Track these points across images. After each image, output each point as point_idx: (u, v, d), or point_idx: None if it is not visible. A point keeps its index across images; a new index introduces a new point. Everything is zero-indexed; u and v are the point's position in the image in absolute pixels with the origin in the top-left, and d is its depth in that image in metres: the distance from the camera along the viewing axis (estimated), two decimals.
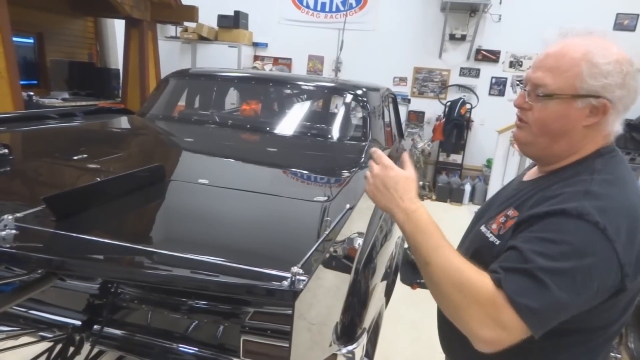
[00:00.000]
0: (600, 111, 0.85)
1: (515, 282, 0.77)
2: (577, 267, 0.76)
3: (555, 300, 0.75)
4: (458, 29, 6.25)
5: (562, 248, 0.76)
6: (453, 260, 0.82)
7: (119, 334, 1.23)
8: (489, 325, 0.76)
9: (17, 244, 0.97)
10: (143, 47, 5.26)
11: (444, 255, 0.82)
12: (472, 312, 0.78)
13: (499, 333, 0.76)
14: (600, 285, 0.77)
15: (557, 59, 0.88)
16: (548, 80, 0.88)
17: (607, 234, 0.76)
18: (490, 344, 0.78)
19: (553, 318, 0.78)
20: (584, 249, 0.76)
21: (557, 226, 0.79)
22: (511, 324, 0.76)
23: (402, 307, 3.08)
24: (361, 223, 1.42)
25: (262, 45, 6.96)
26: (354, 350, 1.13)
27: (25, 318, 1.31)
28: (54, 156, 1.83)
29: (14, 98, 3.57)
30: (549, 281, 0.75)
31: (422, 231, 0.86)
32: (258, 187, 1.60)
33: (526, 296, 0.75)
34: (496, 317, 0.76)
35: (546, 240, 0.78)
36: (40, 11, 5.15)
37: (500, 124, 6.13)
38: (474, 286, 0.78)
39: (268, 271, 0.91)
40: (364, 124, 2.59)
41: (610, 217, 0.78)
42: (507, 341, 0.77)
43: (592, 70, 0.83)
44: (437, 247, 0.84)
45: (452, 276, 0.80)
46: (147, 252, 1.03)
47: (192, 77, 3.18)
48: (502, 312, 0.76)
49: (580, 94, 0.85)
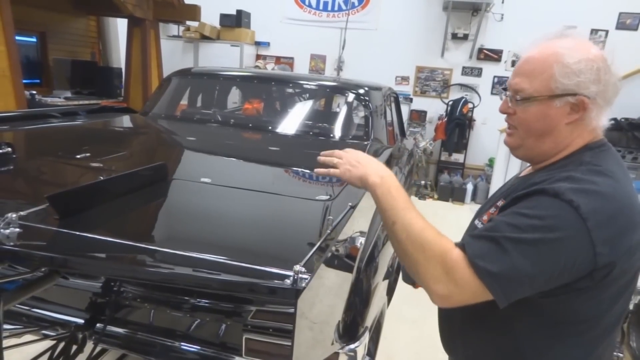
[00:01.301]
0: (580, 107, 0.89)
1: (478, 246, 0.82)
2: (543, 238, 0.78)
3: (515, 268, 0.78)
4: (460, 28, 6.24)
5: (532, 221, 0.80)
6: (418, 221, 0.88)
7: (122, 332, 1.24)
8: (443, 281, 0.82)
9: (21, 242, 0.98)
10: (145, 46, 5.26)
11: (410, 216, 0.89)
12: (430, 267, 0.83)
13: (451, 289, 0.81)
14: (568, 261, 0.79)
15: (530, 64, 0.92)
16: (525, 85, 0.92)
17: (580, 212, 0.78)
18: (442, 298, 0.83)
19: (516, 287, 0.80)
20: (553, 224, 0.79)
21: (533, 203, 0.83)
22: (464, 282, 0.80)
23: (404, 306, 3.08)
24: (363, 222, 1.43)
25: (265, 44, 6.96)
26: (356, 348, 1.13)
27: (29, 316, 1.31)
28: (57, 155, 1.84)
29: (16, 97, 3.58)
30: (512, 249, 0.78)
31: (393, 193, 0.92)
32: (260, 186, 1.60)
33: (485, 259, 0.80)
34: (450, 273, 0.81)
35: (519, 214, 0.82)
36: (43, 10, 5.16)
37: (502, 123, 6.07)
38: (434, 245, 0.84)
39: (270, 269, 0.91)
40: (366, 123, 2.59)
41: (586, 198, 0.80)
42: (459, 298, 0.82)
43: (564, 70, 0.87)
44: (404, 208, 0.90)
45: (415, 234, 0.86)
46: (150, 250, 1.04)
47: (195, 76, 3.18)
48: (457, 269, 0.81)
49: (556, 94, 0.89)
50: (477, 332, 0.99)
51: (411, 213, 0.89)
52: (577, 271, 0.80)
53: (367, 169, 0.97)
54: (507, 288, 0.80)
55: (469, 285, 0.80)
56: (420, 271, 0.85)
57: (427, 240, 0.85)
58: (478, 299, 0.82)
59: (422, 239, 0.85)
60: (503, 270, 0.78)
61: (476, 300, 0.82)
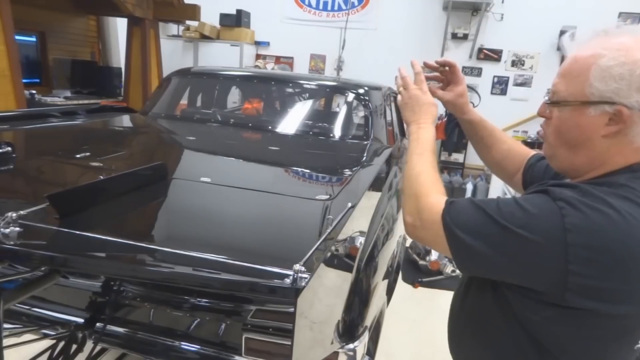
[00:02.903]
0: (619, 119, 0.76)
1: (460, 205, 0.84)
2: (514, 231, 0.75)
3: (476, 241, 0.79)
4: (460, 27, 6.24)
5: (516, 211, 0.77)
6: (422, 166, 0.97)
7: (122, 331, 1.24)
8: (413, 214, 0.91)
9: (21, 242, 0.98)
10: (145, 45, 5.26)
11: (418, 161, 0.99)
12: (410, 200, 0.94)
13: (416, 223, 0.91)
14: (529, 265, 0.75)
15: (571, 64, 0.83)
16: (561, 87, 0.84)
17: (565, 222, 0.71)
18: (408, 226, 0.94)
19: (470, 258, 0.82)
20: (530, 222, 0.75)
21: (532, 197, 0.80)
22: (429, 223, 0.87)
23: (404, 305, 3.09)
24: (363, 222, 1.43)
25: (264, 44, 6.96)
26: (355, 348, 1.13)
27: (28, 316, 1.31)
28: (57, 154, 1.84)
29: (16, 96, 3.58)
30: (484, 225, 0.79)
31: (420, 141, 1.03)
32: (260, 186, 1.60)
33: (457, 222, 0.82)
34: (420, 212, 0.90)
35: (514, 201, 0.80)
36: (43, 9, 5.16)
37: (502, 123, 6.13)
38: (422, 185, 0.93)
39: (270, 269, 0.91)
40: (366, 122, 2.59)
41: (583, 212, 0.71)
42: (422, 234, 0.91)
43: (602, 74, 0.76)
44: (420, 154, 1.00)
45: (414, 174, 0.96)
46: (150, 249, 1.04)
47: (194, 76, 3.18)
48: (426, 211, 0.88)
49: (591, 101, 0.78)
50: (475, 341, 0.98)
51: (420, 159, 0.99)
52: (541, 280, 0.75)
53: (414, 117, 1.08)
54: (463, 255, 0.83)
55: (431, 228, 0.86)
56: (403, 202, 0.96)
57: (417, 181, 0.94)
58: (439, 246, 0.86)
59: (415, 179, 0.95)
60: (465, 237, 0.80)
61: (438, 247, 0.87)
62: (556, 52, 6.10)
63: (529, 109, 6.11)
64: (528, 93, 6.31)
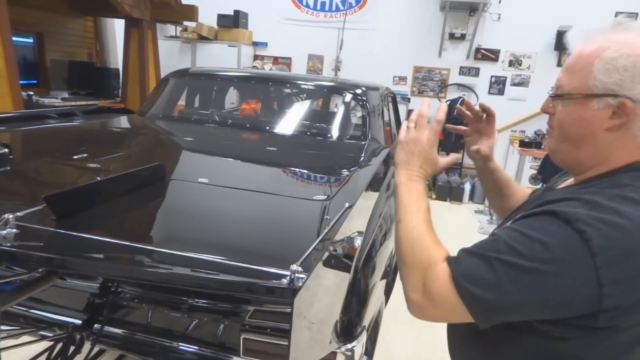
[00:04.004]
0: (623, 112, 0.75)
1: (467, 263, 0.76)
2: (540, 269, 0.69)
3: (502, 294, 0.71)
4: (457, 28, 6.25)
5: (533, 246, 0.71)
6: (422, 227, 0.85)
7: (120, 332, 1.24)
8: (419, 291, 0.79)
9: (18, 243, 0.98)
10: (143, 46, 5.26)
11: (417, 220, 0.86)
12: (411, 274, 0.81)
13: (426, 302, 0.79)
14: (566, 298, 0.70)
15: (575, 58, 0.82)
16: (565, 81, 0.83)
17: (590, 246, 0.67)
18: (416, 309, 0.81)
19: (499, 313, 0.74)
20: (555, 255, 0.69)
21: (541, 224, 0.74)
22: (440, 298, 0.77)
23: (403, 305, 3.09)
24: (361, 222, 1.43)
25: (262, 44, 6.96)
26: (353, 348, 1.13)
27: (26, 317, 1.31)
28: (54, 156, 1.84)
29: (13, 98, 3.57)
30: (503, 274, 0.71)
31: (412, 196, 0.89)
32: (258, 186, 1.60)
33: (471, 280, 0.74)
34: (428, 286, 0.78)
35: (521, 234, 0.74)
36: (40, 11, 5.15)
37: (499, 123, 6.12)
38: (424, 253, 0.81)
39: (267, 269, 0.91)
40: (364, 123, 2.59)
41: (602, 229, 0.68)
42: (434, 313, 0.80)
43: (605, 66, 0.76)
44: (416, 212, 0.87)
45: (413, 237, 0.84)
46: (148, 250, 1.04)
47: (192, 77, 3.18)
48: (435, 284, 0.77)
49: (594, 93, 0.77)
50: (477, 347, 0.94)
51: (419, 218, 0.85)
52: (575, 309, 0.71)
53: (407, 164, 0.93)
54: (489, 313, 0.74)
55: (445, 302, 0.76)
56: (403, 275, 0.83)
57: (420, 246, 0.82)
58: (457, 317, 0.77)
59: (416, 244, 0.82)
60: (487, 294, 0.72)
61: (455, 319, 0.79)
62: (553, 51, 6.12)
63: (526, 109, 6.12)
64: (525, 93, 6.32)
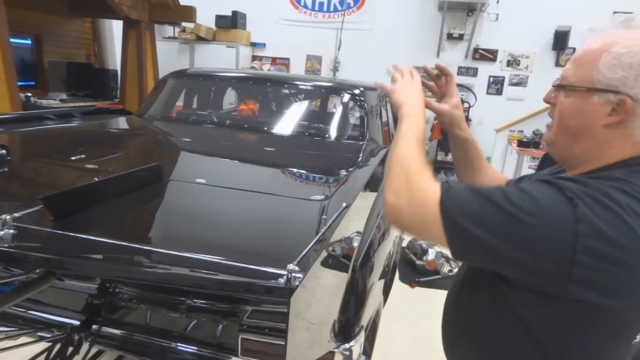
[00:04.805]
0: (622, 110, 0.76)
1: (458, 191, 0.78)
2: (522, 218, 0.71)
3: (477, 224, 0.73)
4: (456, 28, 6.26)
5: (524, 197, 0.73)
6: (416, 151, 0.88)
7: (118, 333, 1.24)
8: (400, 194, 0.81)
9: (15, 244, 0.98)
10: (141, 47, 5.26)
11: (413, 146, 0.89)
12: (398, 179, 0.84)
13: (403, 205, 0.81)
14: (538, 252, 0.71)
15: (582, 51, 0.82)
16: (570, 72, 0.83)
17: (577, 212, 0.69)
18: (391, 209, 0.83)
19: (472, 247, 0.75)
20: (540, 210, 0.71)
21: (536, 186, 0.76)
22: (419, 207, 0.79)
23: (401, 305, 3.09)
24: (358, 221, 1.43)
25: (260, 45, 6.96)
26: (351, 347, 1.13)
27: (24, 318, 1.31)
28: (52, 157, 1.84)
29: (11, 99, 3.57)
30: (488, 211, 0.73)
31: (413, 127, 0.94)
32: (255, 186, 1.60)
33: (458, 207, 0.76)
34: (411, 193, 0.80)
35: (518, 189, 0.76)
36: (38, 12, 5.14)
37: (498, 122, 6.15)
38: (414, 168, 0.84)
39: (264, 269, 0.91)
40: (362, 123, 2.59)
41: (592, 204, 0.70)
42: (405, 218, 0.81)
43: (611, 61, 0.76)
44: (416, 140, 0.90)
45: (406, 155, 0.87)
46: (145, 250, 1.04)
47: (190, 78, 3.18)
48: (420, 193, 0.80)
49: (596, 87, 0.77)
50: (470, 341, 0.97)
51: (416, 145, 0.89)
52: (544, 271, 0.72)
53: (411, 101, 0.99)
54: (463, 244, 0.76)
55: (424, 212, 0.78)
56: (387, 182, 0.85)
57: (410, 162, 0.85)
58: (426, 232, 0.80)
59: (407, 160, 0.86)
60: (467, 224, 0.74)
61: (424, 232, 0.81)
62: (551, 51, 6.13)
63: (524, 109, 6.13)
64: (524, 93, 6.33)
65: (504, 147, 6.25)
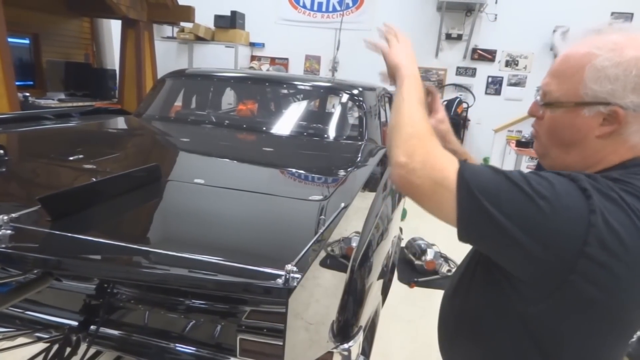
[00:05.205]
0: (614, 120, 0.76)
1: (477, 166, 0.76)
2: (540, 204, 0.69)
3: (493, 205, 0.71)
4: (454, 28, 6.27)
5: (542, 181, 0.72)
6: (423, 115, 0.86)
7: (116, 334, 1.23)
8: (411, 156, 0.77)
9: (13, 244, 0.97)
10: (139, 47, 5.25)
11: (421, 109, 0.87)
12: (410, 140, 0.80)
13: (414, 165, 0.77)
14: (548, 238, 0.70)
15: (562, 63, 0.82)
16: (553, 87, 0.83)
17: (591, 203, 0.68)
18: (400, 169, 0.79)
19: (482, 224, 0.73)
20: (557, 196, 0.70)
21: (550, 174, 0.75)
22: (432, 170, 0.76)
23: (400, 305, 3.10)
24: (357, 222, 1.43)
25: (259, 45, 6.96)
26: (350, 348, 1.13)
27: (22, 319, 1.30)
28: (50, 157, 1.83)
29: (9, 99, 3.56)
30: (505, 188, 0.72)
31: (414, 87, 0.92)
32: (254, 187, 1.60)
33: (475, 180, 0.73)
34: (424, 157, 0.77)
35: (536, 174, 0.74)
36: (36, 12, 5.14)
37: (496, 123, 6.16)
38: (425, 130, 0.82)
39: (263, 269, 0.91)
40: (361, 123, 2.59)
41: (604, 199, 0.69)
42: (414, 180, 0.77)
43: (596, 75, 0.75)
44: (420, 104, 0.88)
45: (416, 117, 0.84)
46: (143, 251, 1.04)
47: (189, 78, 3.18)
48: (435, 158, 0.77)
49: (585, 101, 0.77)
50: (467, 339, 0.96)
51: (422, 109, 0.87)
52: (547, 259, 0.71)
53: (409, 62, 0.98)
54: (472, 219, 0.73)
55: (435, 178, 0.75)
56: (396, 141, 0.81)
57: (421, 124, 0.83)
58: (433, 198, 0.77)
59: (419, 123, 0.83)
60: (481, 197, 0.72)
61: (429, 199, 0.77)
62: (549, 52, 6.14)
63: (523, 109, 6.10)
64: (522, 93, 6.35)
65: (502, 147, 6.26)
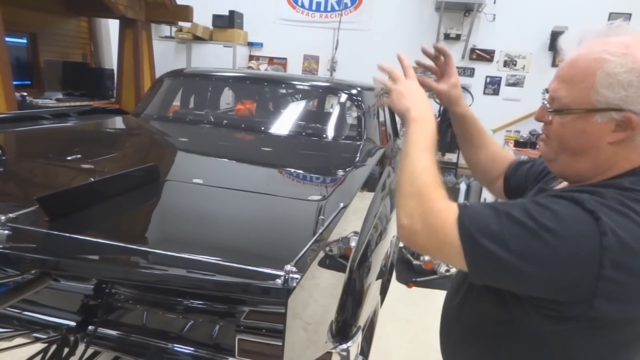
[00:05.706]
0: (627, 126, 0.73)
1: (477, 210, 0.75)
2: (546, 237, 0.68)
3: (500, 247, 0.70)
4: (453, 28, 6.27)
5: (544, 212, 0.70)
6: (430, 163, 0.84)
7: (114, 334, 1.23)
8: (414, 217, 0.78)
9: (11, 245, 0.97)
10: (137, 47, 5.24)
11: (424, 156, 0.85)
12: (411, 200, 0.80)
13: (418, 228, 0.77)
14: (561, 270, 0.68)
15: (571, 68, 0.79)
16: (562, 93, 0.79)
17: (600, 225, 0.66)
18: (406, 231, 0.79)
19: (487, 264, 0.72)
20: (563, 226, 0.68)
21: (554, 199, 0.73)
22: (436, 230, 0.76)
23: (398, 305, 3.10)
24: (356, 222, 1.43)
25: (257, 45, 6.95)
26: (348, 348, 1.13)
27: (20, 319, 1.30)
28: (48, 157, 1.83)
29: (7, 99, 3.55)
30: (507, 227, 0.70)
31: (422, 133, 0.89)
32: (252, 187, 1.60)
33: (477, 226, 0.73)
34: (426, 216, 0.77)
35: (537, 203, 0.73)
36: (34, 11, 5.12)
37: (494, 123, 6.16)
38: (427, 184, 0.81)
39: (262, 270, 0.91)
40: (359, 123, 2.59)
41: (613, 215, 0.68)
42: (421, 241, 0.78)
43: (608, 81, 0.73)
44: (424, 150, 0.86)
45: (416, 169, 0.83)
46: (142, 251, 1.04)
47: (187, 77, 3.17)
48: (436, 214, 0.76)
49: (597, 108, 0.75)
50: (475, 348, 0.94)
51: (427, 155, 0.85)
52: (567, 287, 0.70)
53: (415, 103, 0.94)
54: (482, 263, 0.73)
55: (440, 235, 0.75)
56: (400, 203, 0.82)
57: (424, 179, 0.81)
58: (442, 254, 0.78)
59: (421, 176, 0.82)
60: (485, 242, 0.71)
61: (440, 254, 0.79)
62: (548, 52, 6.14)
63: (521, 109, 6.14)
64: (520, 93, 6.35)
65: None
